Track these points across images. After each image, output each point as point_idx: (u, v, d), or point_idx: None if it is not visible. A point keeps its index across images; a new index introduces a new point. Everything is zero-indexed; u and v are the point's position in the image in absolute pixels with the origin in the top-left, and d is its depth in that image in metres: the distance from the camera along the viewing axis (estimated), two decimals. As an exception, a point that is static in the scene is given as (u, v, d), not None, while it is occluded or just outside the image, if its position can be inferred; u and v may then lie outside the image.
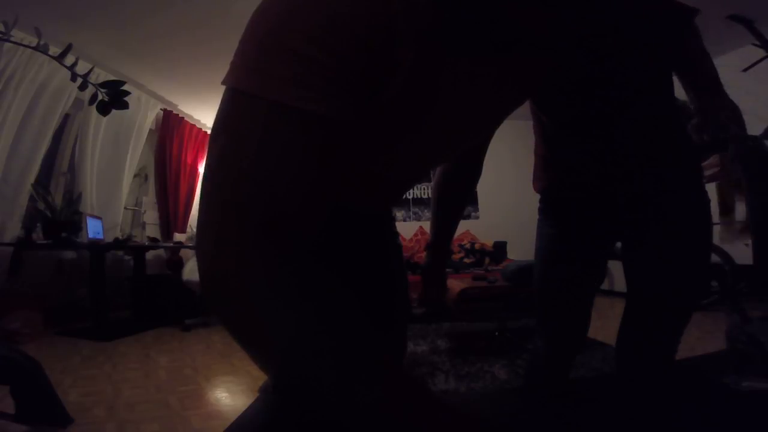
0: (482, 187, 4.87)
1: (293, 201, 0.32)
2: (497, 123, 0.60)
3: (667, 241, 0.86)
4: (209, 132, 4.93)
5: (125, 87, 1.42)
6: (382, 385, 0.29)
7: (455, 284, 2.60)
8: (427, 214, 4.92)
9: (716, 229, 1.90)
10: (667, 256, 0.86)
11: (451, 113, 0.46)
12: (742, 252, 2.48)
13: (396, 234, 0.79)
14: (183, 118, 4.50)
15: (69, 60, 1.38)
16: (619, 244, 0.97)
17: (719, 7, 2.24)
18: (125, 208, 3.87)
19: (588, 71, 0.84)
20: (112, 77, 2.38)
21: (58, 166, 3.43)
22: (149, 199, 4.33)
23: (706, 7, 0.91)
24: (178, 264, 3.73)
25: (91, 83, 1.36)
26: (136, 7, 2.68)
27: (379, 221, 0.73)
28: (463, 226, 4.81)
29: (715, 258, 2.57)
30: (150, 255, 3.81)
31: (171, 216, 4.32)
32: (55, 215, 2.89)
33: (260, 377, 0.91)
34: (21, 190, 2.84)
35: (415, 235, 4.88)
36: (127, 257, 3.65)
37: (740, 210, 2.28)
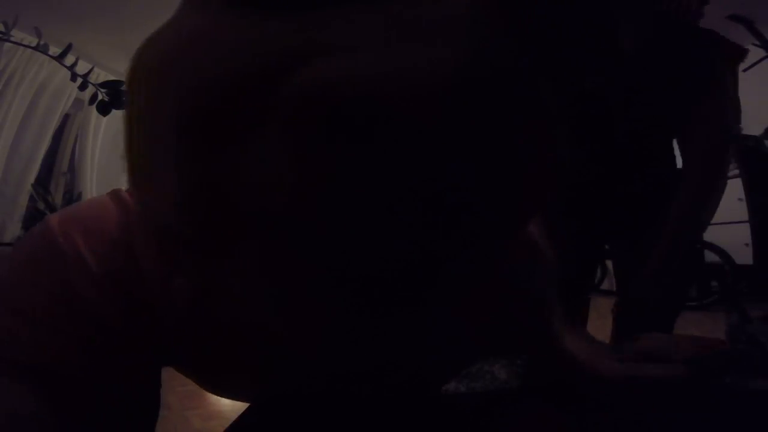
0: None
1: None
2: None
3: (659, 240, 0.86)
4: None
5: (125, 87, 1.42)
6: None
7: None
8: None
9: (723, 228, 1.89)
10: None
11: None
12: (742, 252, 2.48)
13: None
14: (183, 118, 4.50)
15: (69, 60, 1.38)
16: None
17: (719, 7, 2.24)
18: (125, 208, 3.88)
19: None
20: (112, 77, 2.38)
21: (58, 166, 3.43)
22: (149, 199, 4.34)
23: (705, 7, 0.91)
24: (178, 264, 3.73)
25: (91, 83, 1.36)
26: (136, 8, 2.68)
27: None
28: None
29: (715, 258, 2.57)
30: (150, 255, 3.81)
31: (171, 216, 4.33)
32: (55, 215, 2.89)
33: (260, 377, 0.91)
34: (21, 190, 2.85)
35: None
36: (127, 257, 3.65)
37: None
